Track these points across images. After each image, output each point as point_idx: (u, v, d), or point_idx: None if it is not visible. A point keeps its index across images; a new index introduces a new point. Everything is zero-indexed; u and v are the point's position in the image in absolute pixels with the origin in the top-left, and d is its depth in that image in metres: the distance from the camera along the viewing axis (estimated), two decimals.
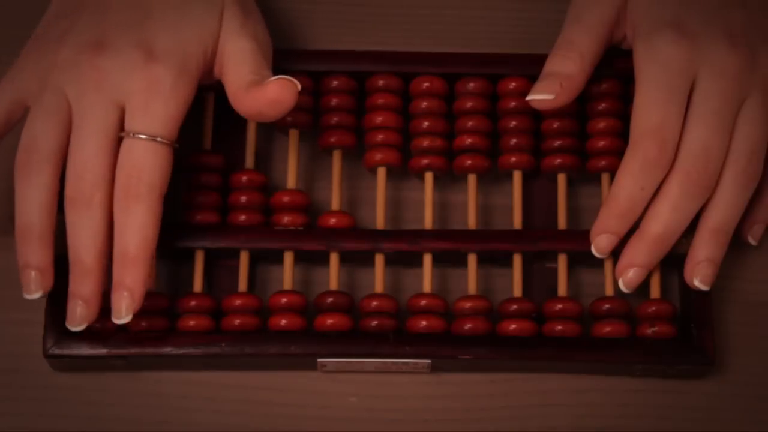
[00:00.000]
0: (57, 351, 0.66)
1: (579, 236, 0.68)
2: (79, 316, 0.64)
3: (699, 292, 0.67)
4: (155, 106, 0.64)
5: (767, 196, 0.69)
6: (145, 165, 0.63)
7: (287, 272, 0.68)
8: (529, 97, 0.67)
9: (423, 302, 0.68)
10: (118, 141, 0.64)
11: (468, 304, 0.68)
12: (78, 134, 0.64)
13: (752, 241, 0.70)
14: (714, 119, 0.65)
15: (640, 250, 0.67)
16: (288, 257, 0.68)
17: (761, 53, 0.67)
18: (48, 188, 0.64)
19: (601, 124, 0.70)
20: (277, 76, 0.64)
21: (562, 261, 0.69)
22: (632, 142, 0.66)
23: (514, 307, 0.68)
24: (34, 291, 0.64)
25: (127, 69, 0.64)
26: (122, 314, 0.64)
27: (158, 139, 0.63)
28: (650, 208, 0.66)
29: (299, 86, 0.64)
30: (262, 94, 0.64)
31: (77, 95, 0.64)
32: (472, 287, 0.68)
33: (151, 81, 0.64)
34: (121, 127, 0.64)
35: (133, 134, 0.63)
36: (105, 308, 0.67)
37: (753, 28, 0.67)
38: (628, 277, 0.67)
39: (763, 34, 0.67)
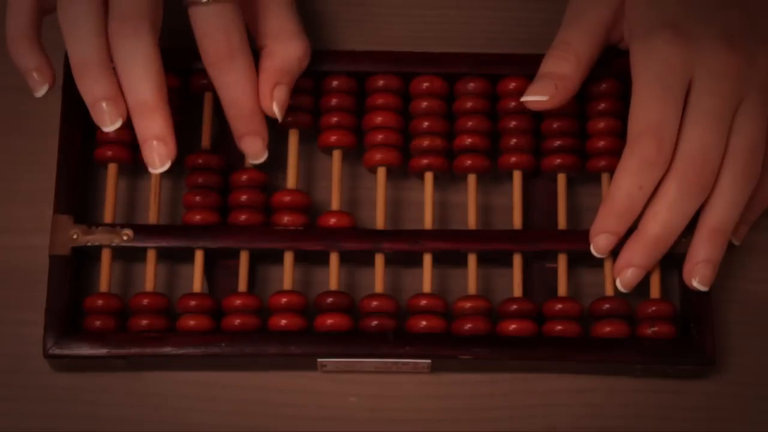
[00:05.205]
0: (57, 351, 0.66)
1: (579, 236, 0.68)
2: (158, 155, 0.63)
3: (699, 292, 0.67)
4: None
5: (753, 197, 0.68)
6: (227, 25, 0.64)
7: (287, 272, 0.68)
8: (523, 99, 0.67)
9: (423, 302, 0.68)
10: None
11: (468, 304, 0.68)
12: None
13: (735, 242, 0.69)
14: (711, 119, 0.65)
15: (638, 250, 0.67)
16: (288, 257, 0.68)
17: (759, 54, 0.66)
18: (97, 16, 0.62)
19: (601, 124, 0.70)
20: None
21: (562, 261, 0.69)
22: (629, 141, 0.66)
23: (514, 307, 0.68)
24: (110, 122, 0.63)
25: None
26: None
27: None
28: (648, 209, 0.66)
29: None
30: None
31: None
32: (472, 287, 0.68)
33: None
34: None
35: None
36: (106, 309, 0.67)
37: (751, 28, 0.67)
38: (626, 278, 0.67)
39: (760, 35, 0.67)
